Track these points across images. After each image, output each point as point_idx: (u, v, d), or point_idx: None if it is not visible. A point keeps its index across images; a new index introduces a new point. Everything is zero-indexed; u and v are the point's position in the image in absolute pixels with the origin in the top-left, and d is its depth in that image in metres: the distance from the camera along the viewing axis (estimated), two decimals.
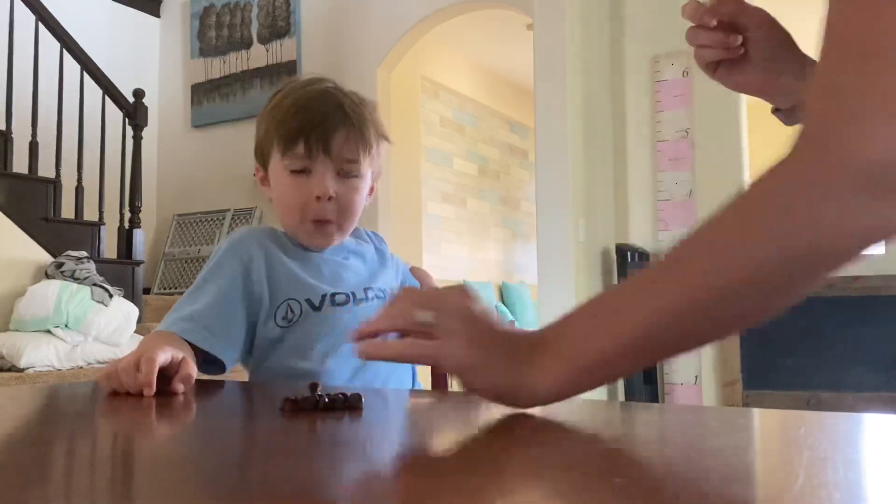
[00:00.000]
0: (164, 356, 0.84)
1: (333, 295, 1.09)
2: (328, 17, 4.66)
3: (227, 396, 0.86)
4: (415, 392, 1.08)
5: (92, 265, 3.43)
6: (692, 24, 0.83)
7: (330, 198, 1.08)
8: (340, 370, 1.07)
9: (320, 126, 1.07)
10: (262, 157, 1.15)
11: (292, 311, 1.07)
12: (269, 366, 1.08)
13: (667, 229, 3.92)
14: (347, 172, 1.10)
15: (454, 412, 0.74)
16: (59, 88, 3.75)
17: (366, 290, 1.13)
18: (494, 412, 0.63)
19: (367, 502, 0.40)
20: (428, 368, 1.29)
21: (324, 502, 0.40)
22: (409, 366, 1.17)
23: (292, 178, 1.09)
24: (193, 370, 0.88)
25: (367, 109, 1.13)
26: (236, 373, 1.16)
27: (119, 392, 0.82)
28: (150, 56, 5.31)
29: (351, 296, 1.11)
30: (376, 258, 1.23)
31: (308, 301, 1.08)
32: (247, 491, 0.42)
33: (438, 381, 1.32)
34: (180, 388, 0.83)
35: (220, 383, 1.00)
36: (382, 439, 0.62)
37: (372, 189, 1.19)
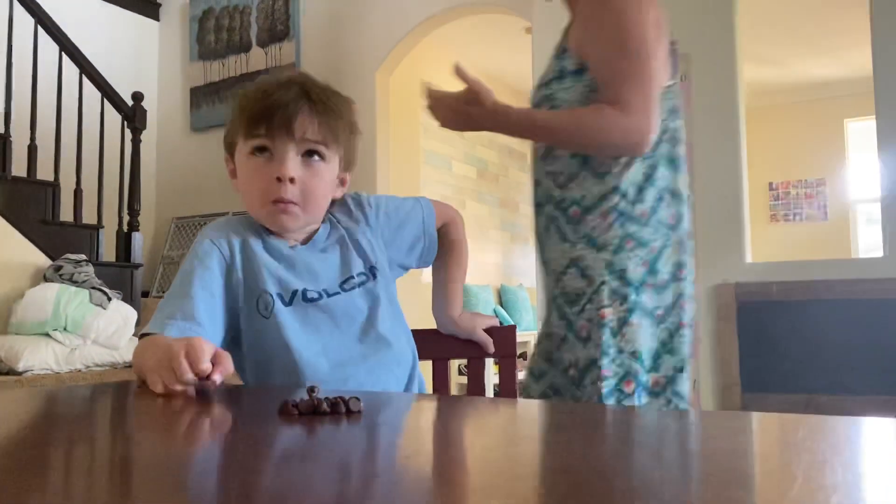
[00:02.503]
0: (207, 346, 0.85)
1: (305, 291, 1.10)
2: (327, 20, 4.66)
3: (226, 400, 0.86)
4: (412, 395, 1.08)
5: (90, 268, 3.43)
6: None
7: (292, 179, 1.08)
8: (317, 364, 1.07)
9: (283, 108, 1.07)
10: (230, 146, 1.16)
11: (266, 304, 1.09)
12: (258, 359, 1.11)
13: None
14: (311, 155, 1.10)
15: (453, 415, 0.74)
16: (58, 92, 3.75)
17: (342, 283, 1.13)
18: (494, 415, 0.63)
19: None
20: (429, 370, 1.29)
21: None
22: (392, 369, 1.14)
23: (255, 161, 1.10)
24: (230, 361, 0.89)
25: (339, 100, 1.13)
26: (235, 375, 1.16)
27: (157, 387, 0.84)
28: (149, 59, 5.31)
29: (323, 293, 1.12)
30: (348, 241, 1.17)
31: (279, 296, 1.09)
32: (246, 494, 0.42)
33: (439, 385, 1.32)
34: (218, 379, 0.84)
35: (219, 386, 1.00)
36: (381, 443, 0.62)
37: (344, 182, 1.19)
